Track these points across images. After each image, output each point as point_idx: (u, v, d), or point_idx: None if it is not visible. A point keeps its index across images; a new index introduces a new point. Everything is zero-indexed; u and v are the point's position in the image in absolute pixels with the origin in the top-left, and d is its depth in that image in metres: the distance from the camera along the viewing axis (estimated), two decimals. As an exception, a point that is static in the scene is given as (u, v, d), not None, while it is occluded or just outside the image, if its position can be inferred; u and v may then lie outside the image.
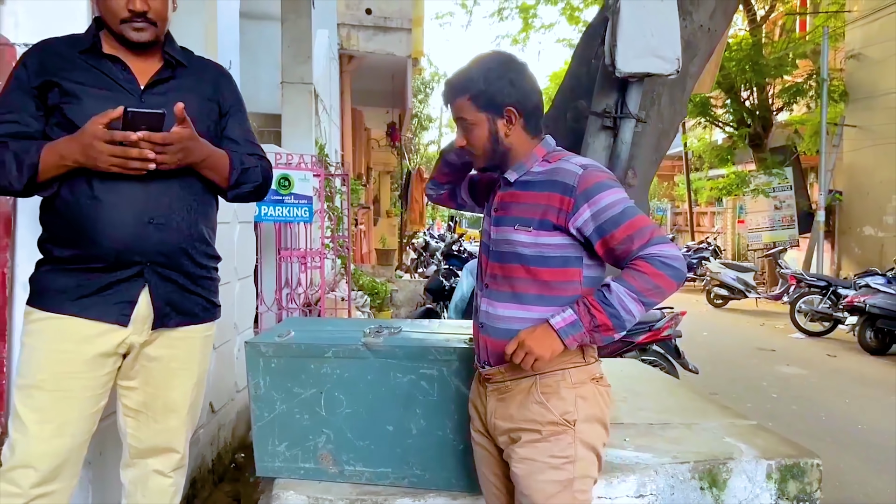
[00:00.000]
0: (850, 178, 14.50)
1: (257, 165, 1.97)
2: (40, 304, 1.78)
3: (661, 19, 2.06)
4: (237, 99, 2.02)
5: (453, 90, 1.73)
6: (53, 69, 1.75)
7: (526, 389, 1.72)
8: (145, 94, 1.80)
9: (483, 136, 1.72)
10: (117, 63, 1.79)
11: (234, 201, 2.01)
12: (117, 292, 1.78)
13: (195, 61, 1.96)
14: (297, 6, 6.44)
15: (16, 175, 1.69)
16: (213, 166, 1.84)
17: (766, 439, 2.63)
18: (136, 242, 1.75)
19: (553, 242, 1.67)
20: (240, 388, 4.11)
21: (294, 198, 4.66)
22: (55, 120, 1.75)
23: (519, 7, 15.32)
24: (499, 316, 1.75)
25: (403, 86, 11.46)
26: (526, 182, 1.74)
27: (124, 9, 1.72)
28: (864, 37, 13.74)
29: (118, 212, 1.73)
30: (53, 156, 1.68)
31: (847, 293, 9.37)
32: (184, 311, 1.89)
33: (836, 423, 5.80)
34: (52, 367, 1.74)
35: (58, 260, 1.78)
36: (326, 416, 2.27)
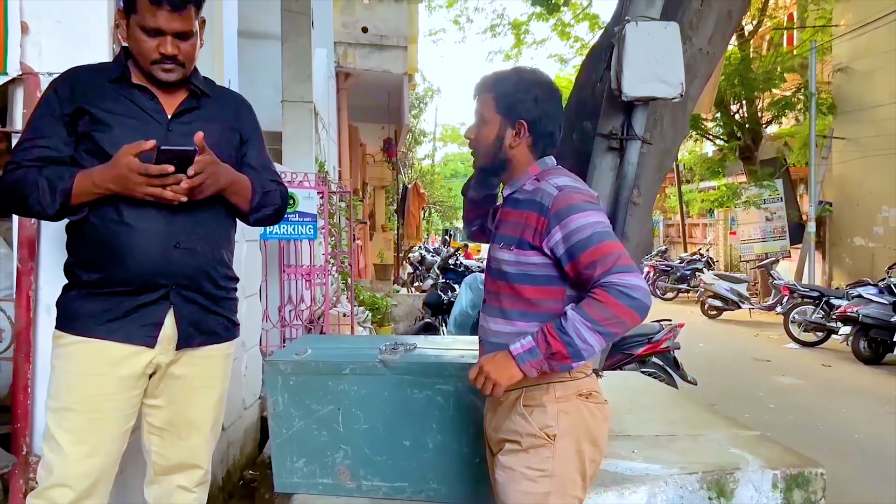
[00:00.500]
0: (839, 189, 14.69)
1: (276, 190, 2.04)
2: (70, 328, 1.83)
3: (665, 46, 2.14)
4: (256, 127, 2.09)
5: (484, 85, 1.79)
6: (84, 97, 1.81)
7: (513, 401, 1.76)
8: (172, 123, 1.86)
9: (490, 136, 1.78)
10: (145, 93, 1.85)
11: (255, 225, 2.07)
12: (144, 315, 1.83)
13: (217, 91, 2.02)
14: (298, 26, 6.53)
15: (49, 200, 1.74)
16: (237, 191, 1.90)
17: (771, 449, 2.70)
18: (162, 266, 1.81)
19: (533, 261, 1.70)
20: (247, 405, 4.15)
21: (299, 216, 4.72)
22: (85, 146, 1.81)
23: (511, 23, 15.52)
24: (490, 330, 1.81)
25: (400, 102, 11.58)
26: (515, 200, 1.79)
27: (155, 51, 1.77)
28: (852, 50, 13.97)
29: (146, 237, 1.79)
30: (86, 183, 1.74)
31: (840, 303, 9.48)
32: (207, 331, 1.94)
33: (834, 433, 5.88)
34: (84, 389, 1.79)
35: (86, 284, 1.83)
36: (344, 432, 2.32)
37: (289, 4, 6.52)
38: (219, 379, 2.03)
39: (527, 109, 1.73)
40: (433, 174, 26.79)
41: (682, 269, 16.21)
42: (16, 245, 2.28)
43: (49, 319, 2.25)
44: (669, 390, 3.72)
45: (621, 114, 2.30)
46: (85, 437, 1.78)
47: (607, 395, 1.85)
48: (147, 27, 1.75)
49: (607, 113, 2.35)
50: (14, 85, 2.31)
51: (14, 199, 1.78)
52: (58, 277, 2.00)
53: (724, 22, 2.68)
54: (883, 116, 12.85)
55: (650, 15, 2.21)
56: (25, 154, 1.78)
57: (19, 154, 1.79)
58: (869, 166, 13.36)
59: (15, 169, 1.77)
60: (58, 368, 1.84)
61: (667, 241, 23.48)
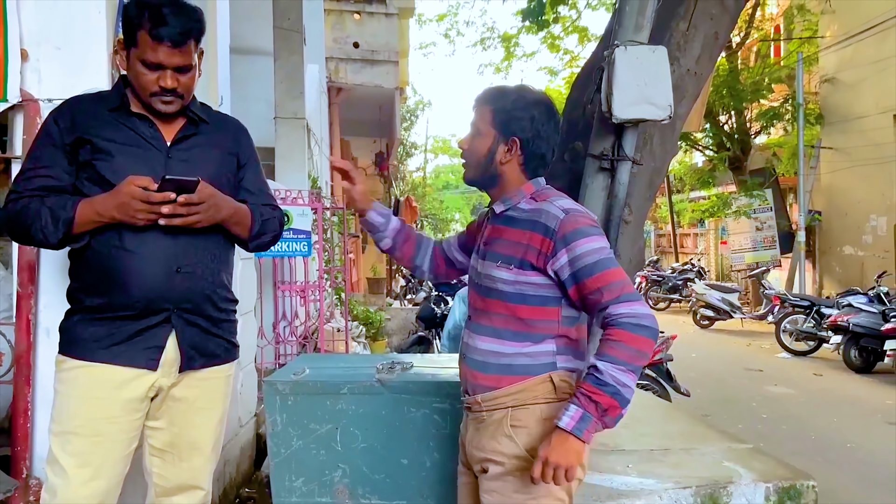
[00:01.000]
0: (828, 198, 14.84)
1: (274, 217, 2.08)
2: (73, 352, 1.85)
3: (654, 69, 2.20)
4: (253, 151, 2.12)
5: (485, 98, 1.81)
6: (85, 126, 1.84)
7: (498, 421, 1.75)
8: (172, 150, 1.90)
9: (482, 149, 1.77)
10: (144, 121, 1.88)
11: (253, 251, 2.10)
12: (146, 338, 1.85)
13: (214, 116, 2.06)
14: (290, 44, 6.58)
15: (52, 229, 1.77)
16: (238, 221, 1.94)
17: (763, 462, 2.73)
18: (164, 291, 1.84)
19: (533, 282, 1.70)
20: (243, 423, 4.16)
21: (293, 233, 4.75)
22: (87, 175, 1.83)
23: (501, 37, 15.65)
24: (478, 349, 1.80)
25: (391, 116, 11.65)
26: (511, 218, 1.78)
27: (155, 84, 1.80)
28: (838, 61, 14.17)
29: (148, 262, 1.82)
30: (89, 211, 1.77)
31: (830, 312, 9.56)
32: (208, 353, 1.97)
33: (826, 443, 5.93)
34: (87, 413, 1.81)
35: (88, 309, 1.86)
36: (342, 451, 2.34)
37: (281, 22, 6.58)
38: (220, 400, 2.06)
39: (522, 128, 1.74)
40: (425, 186, 26.87)
41: (673, 279, 16.31)
42: (16, 269, 2.31)
43: (49, 342, 2.27)
44: (664, 403, 3.76)
45: (612, 135, 2.35)
46: (88, 461, 1.80)
47: None
48: (147, 61, 1.78)
49: (598, 134, 2.40)
50: (14, 111, 2.35)
51: (17, 229, 1.81)
52: (58, 301, 2.03)
53: (711, 43, 2.74)
54: (869, 126, 13.02)
55: (638, 39, 2.26)
56: (27, 184, 1.81)
57: (21, 184, 1.82)
58: (857, 176, 13.52)
59: (17, 199, 1.79)
60: (61, 393, 1.86)
61: (658, 251, 23.61)
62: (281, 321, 5.23)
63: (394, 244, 2.09)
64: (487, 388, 1.77)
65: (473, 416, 1.84)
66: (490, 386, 1.77)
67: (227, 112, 7.22)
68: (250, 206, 2.00)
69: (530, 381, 1.73)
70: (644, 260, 2.96)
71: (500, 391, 1.75)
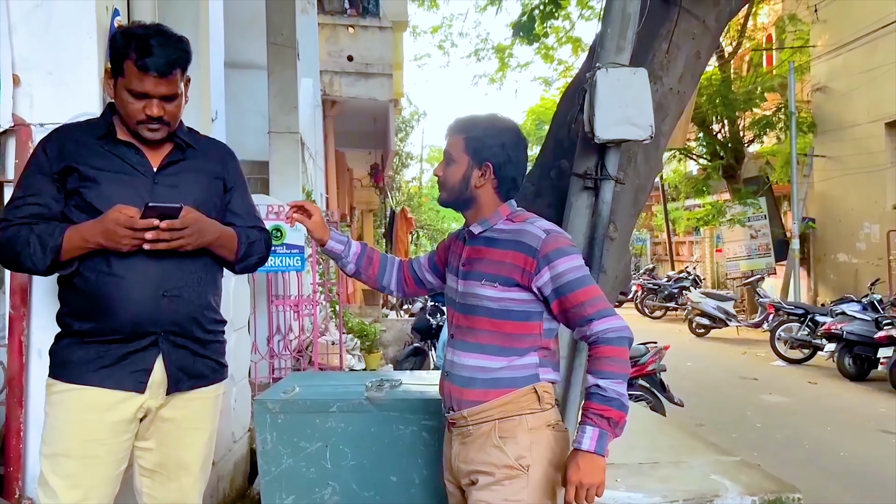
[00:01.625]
0: (822, 206, 14.92)
1: (261, 239, 2.11)
2: (62, 376, 1.88)
3: (634, 90, 2.24)
4: (239, 175, 2.15)
5: (456, 127, 1.91)
6: (72, 155, 1.87)
7: (485, 433, 1.82)
8: (158, 176, 1.93)
9: (457, 175, 1.87)
10: (131, 147, 1.92)
11: (240, 273, 2.14)
12: (134, 361, 1.88)
13: (201, 141, 2.09)
14: (283, 59, 6.63)
15: (40, 256, 1.80)
16: (224, 244, 1.97)
17: (750, 475, 2.76)
18: (151, 315, 1.87)
19: (517, 297, 1.80)
20: (237, 438, 4.18)
21: (286, 248, 4.78)
22: (74, 202, 1.87)
23: (495, 48, 15.75)
24: (463, 365, 1.87)
25: (386, 128, 11.70)
26: (490, 238, 1.88)
27: (141, 112, 1.84)
28: (830, 70, 14.27)
29: (134, 287, 1.85)
30: (76, 238, 1.80)
31: (824, 320, 9.60)
32: (195, 374, 1.99)
33: (820, 452, 5.95)
34: (77, 435, 1.84)
35: (77, 333, 1.89)
36: (332, 469, 2.36)
37: (274, 38, 6.64)
38: (208, 420, 2.08)
39: (494, 153, 1.84)
40: (420, 196, 26.92)
41: (669, 288, 16.34)
42: (8, 291, 2.34)
43: (41, 364, 2.30)
44: (655, 416, 3.79)
45: (595, 155, 2.39)
46: (79, 482, 1.83)
47: None
48: (134, 91, 1.82)
49: (581, 154, 2.45)
50: (6, 136, 2.38)
51: (7, 256, 1.85)
52: (50, 323, 2.05)
53: (693, 62, 2.79)
54: (861, 135, 13.11)
55: (619, 61, 2.31)
56: (17, 212, 1.84)
57: (11, 212, 1.85)
58: (850, 183, 13.60)
59: (7, 227, 1.83)
60: (51, 415, 1.89)
61: (654, 259, 23.67)
62: (275, 335, 5.25)
63: (357, 268, 2.17)
64: (474, 403, 1.84)
65: (458, 430, 1.89)
66: (476, 400, 1.83)
67: (222, 126, 7.28)
68: (237, 228, 2.03)
69: (515, 394, 1.82)
70: (630, 275, 3.00)
71: (486, 404, 1.83)
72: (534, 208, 2.81)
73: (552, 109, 17.38)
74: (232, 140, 7.99)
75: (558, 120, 2.89)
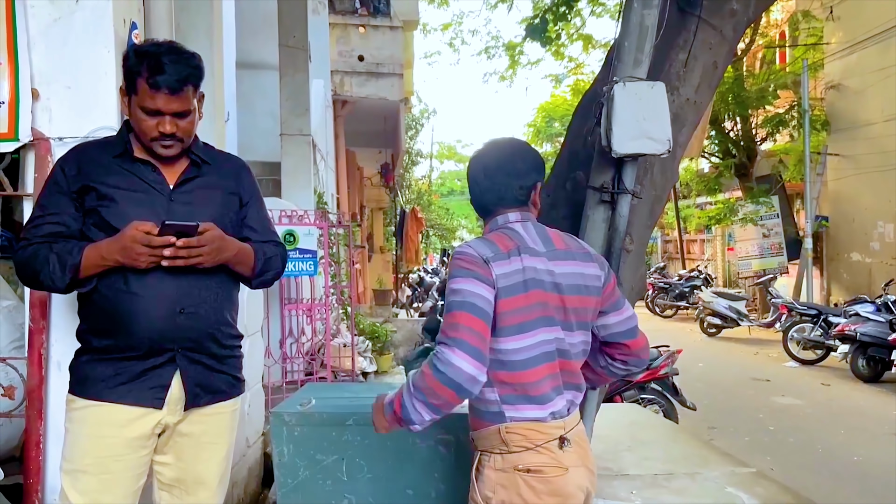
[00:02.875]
0: (835, 205, 14.80)
1: (277, 254, 2.12)
2: (81, 392, 1.90)
3: (652, 104, 2.23)
4: (255, 189, 2.17)
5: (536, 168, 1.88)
6: (90, 174, 1.89)
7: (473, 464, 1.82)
8: (174, 193, 1.94)
9: None
10: (147, 165, 1.93)
11: (256, 288, 2.14)
12: (151, 378, 1.90)
13: (217, 156, 2.10)
14: (295, 61, 6.64)
15: (59, 275, 1.82)
16: (241, 261, 1.98)
17: (766, 488, 2.75)
18: (168, 332, 1.88)
19: None
20: (250, 443, 4.20)
21: (299, 252, 4.79)
22: (92, 220, 1.89)
23: (505, 45, 15.70)
24: None
25: (396, 127, 11.70)
26: None
27: (155, 129, 1.86)
28: (844, 68, 14.14)
29: (152, 304, 1.86)
30: (95, 256, 1.82)
31: (838, 321, 9.54)
32: (213, 390, 2.00)
33: (833, 456, 5.92)
34: (95, 451, 1.86)
35: (96, 349, 1.91)
36: (348, 482, 2.37)
37: (286, 40, 6.64)
38: (225, 435, 2.09)
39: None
40: (430, 194, 26.90)
41: (680, 286, 16.27)
42: (28, 305, 2.35)
43: (60, 376, 2.32)
44: (668, 424, 3.78)
45: (612, 168, 2.38)
46: (98, 498, 1.85)
47: (606, 430, 1.89)
48: (147, 108, 1.83)
49: (598, 167, 2.44)
50: (26, 150, 2.39)
51: (27, 275, 1.87)
52: (69, 336, 2.07)
53: (710, 72, 2.77)
54: (876, 134, 12.99)
55: (637, 75, 2.29)
56: (37, 231, 1.86)
57: (30, 231, 1.88)
58: (864, 182, 13.49)
59: (27, 245, 1.85)
60: (71, 431, 1.91)
61: (665, 258, 23.58)
62: (288, 339, 5.27)
63: None
64: None
65: None
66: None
67: (234, 128, 7.29)
68: (253, 244, 2.04)
69: (485, 431, 1.76)
70: (645, 286, 2.98)
71: (473, 433, 1.83)
72: (548, 220, 2.82)
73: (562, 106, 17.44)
74: (243, 141, 8.04)
75: (573, 131, 2.88)
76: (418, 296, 14.70)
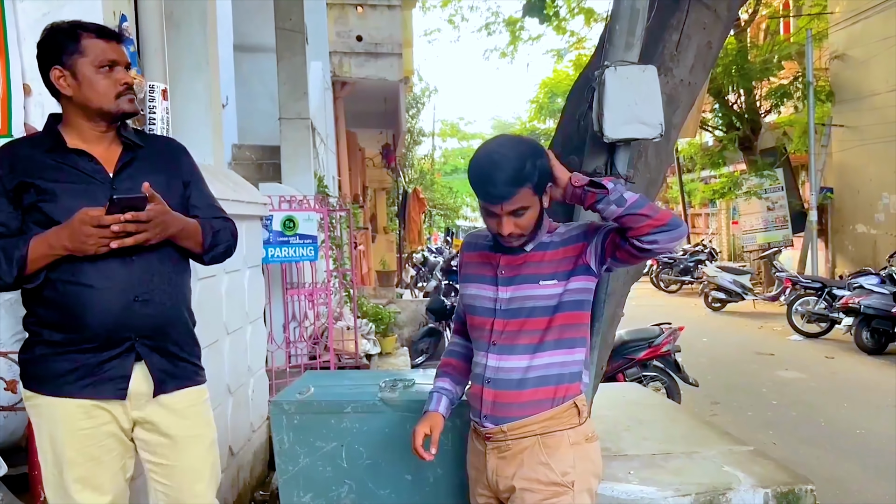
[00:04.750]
0: (840, 176, 14.72)
1: (226, 228, 2.09)
2: (39, 388, 1.88)
3: (644, 88, 2.21)
4: (195, 169, 2.14)
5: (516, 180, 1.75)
6: (25, 171, 1.83)
7: (526, 448, 1.85)
8: (115, 181, 1.90)
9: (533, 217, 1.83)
10: (83, 156, 1.88)
11: (209, 264, 2.12)
12: (111, 369, 1.88)
13: (149, 140, 2.08)
14: (292, 44, 6.59)
15: (6, 269, 1.78)
16: (188, 235, 1.96)
17: (763, 466, 2.78)
18: (124, 320, 1.86)
19: (573, 287, 1.85)
20: (255, 427, 4.25)
21: (299, 238, 4.82)
22: (33, 218, 1.84)
23: (506, 21, 15.55)
24: (512, 368, 1.86)
25: (396, 108, 11.64)
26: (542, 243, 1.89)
27: (116, 85, 1.85)
28: (848, 38, 13.98)
29: (105, 294, 1.83)
30: (42, 246, 1.78)
31: (842, 294, 9.54)
32: (177, 375, 1.99)
33: (836, 429, 5.95)
34: (74, 444, 1.86)
35: (49, 342, 1.87)
36: (348, 468, 2.41)
37: (283, 23, 6.59)
38: (204, 426, 2.08)
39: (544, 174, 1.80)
40: (432, 174, 26.79)
41: (684, 261, 16.26)
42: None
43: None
44: (667, 403, 3.80)
45: (604, 153, 2.37)
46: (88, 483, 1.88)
47: (606, 410, 1.96)
48: (103, 63, 1.84)
49: (591, 152, 2.43)
50: (18, 146, 2.39)
51: None
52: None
53: (705, 52, 2.74)
54: (881, 104, 12.87)
55: (628, 59, 2.28)
56: None
57: None
58: (869, 153, 13.40)
59: None
60: (41, 427, 1.90)
61: (670, 232, 23.45)
62: (290, 324, 5.31)
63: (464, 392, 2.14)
64: (521, 406, 1.85)
65: (494, 444, 1.91)
66: (523, 403, 1.85)
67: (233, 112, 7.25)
68: (200, 220, 2.01)
69: (558, 409, 1.85)
70: (641, 270, 2.96)
71: (529, 419, 1.85)
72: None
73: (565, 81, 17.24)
74: (243, 125, 8.03)
75: (567, 115, 2.87)
76: (422, 276, 14.74)
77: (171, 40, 3.31)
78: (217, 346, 3.55)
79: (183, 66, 3.52)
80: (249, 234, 4.17)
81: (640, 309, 10.94)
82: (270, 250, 4.77)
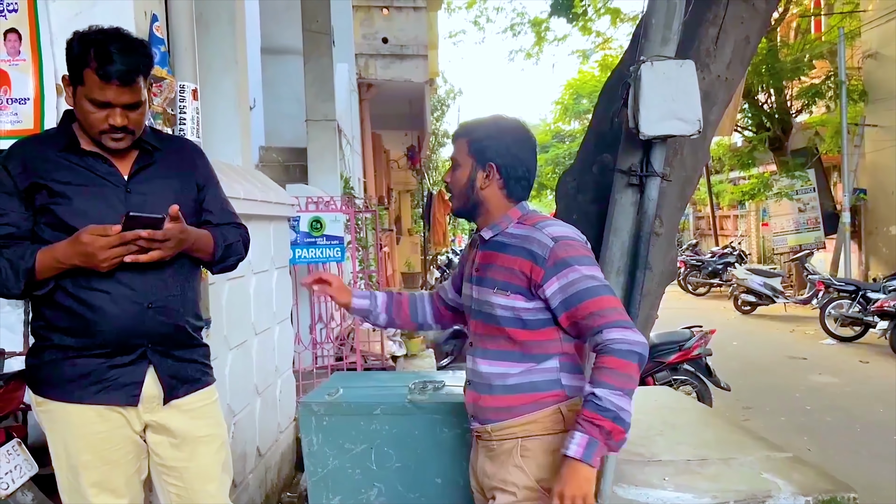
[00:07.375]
0: (873, 177, 14.39)
1: (238, 239, 2.06)
2: (50, 394, 1.85)
3: (681, 84, 2.15)
4: (210, 172, 2.10)
5: (460, 131, 1.89)
6: (37, 171, 1.79)
7: (508, 451, 1.79)
8: (130, 184, 1.86)
9: (463, 178, 1.84)
10: (98, 158, 1.83)
11: (218, 273, 2.11)
12: (124, 375, 1.85)
13: (166, 141, 2.02)
14: (319, 46, 6.62)
15: (13, 281, 1.74)
16: (200, 248, 1.93)
17: (803, 473, 2.69)
18: (137, 328, 1.83)
19: (526, 306, 1.74)
20: (282, 428, 4.25)
21: (326, 239, 4.81)
22: (45, 220, 1.80)
23: (531, 22, 15.49)
24: (482, 373, 1.83)
25: (421, 109, 11.64)
26: (501, 243, 1.81)
27: (104, 122, 1.76)
28: (881, 36, 13.66)
29: (118, 302, 1.80)
30: (49, 259, 1.73)
31: (876, 297, 9.32)
32: (188, 379, 1.97)
33: (872, 435, 5.79)
34: (89, 449, 1.84)
35: (59, 347, 1.84)
36: (377, 471, 2.38)
37: (309, 25, 6.62)
38: (215, 427, 2.06)
39: (497, 153, 1.79)
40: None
41: (713, 264, 16.03)
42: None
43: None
44: (700, 407, 3.72)
45: (640, 151, 2.32)
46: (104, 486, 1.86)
47: (637, 414, 1.85)
48: (96, 101, 1.74)
49: (626, 149, 2.37)
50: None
51: None
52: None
53: (742, 47, 2.67)
54: (915, 103, 12.56)
55: (665, 54, 2.22)
56: None
57: None
58: (903, 154, 13.08)
59: None
60: (54, 432, 1.87)
61: (697, 234, 23.22)
62: (317, 324, 5.31)
63: (389, 317, 2.15)
64: (496, 410, 1.81)
65: (483, 444, 1.88)
66: (497, 407, 1.80)
67: (260, 114, 7.31)
68: (212, 229, 1.99)
69: (540, 413, 1.77)
70: (675, 271, 2.88)
71: (510, 421, 1.79)
72: (575, 204, 2.78)
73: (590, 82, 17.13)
74: (270, 127, 8.08)
75: (599, 113, 2.81)
76: (447, 277, 14.71)
77: (201, 41, 3.31)
78: (245, 347, 3.55)
79: (212, 66, 3.53)
80: (277, 235, 4.17)
81: (668, 311, 10.73)
82: (298, 251, 4.78)
